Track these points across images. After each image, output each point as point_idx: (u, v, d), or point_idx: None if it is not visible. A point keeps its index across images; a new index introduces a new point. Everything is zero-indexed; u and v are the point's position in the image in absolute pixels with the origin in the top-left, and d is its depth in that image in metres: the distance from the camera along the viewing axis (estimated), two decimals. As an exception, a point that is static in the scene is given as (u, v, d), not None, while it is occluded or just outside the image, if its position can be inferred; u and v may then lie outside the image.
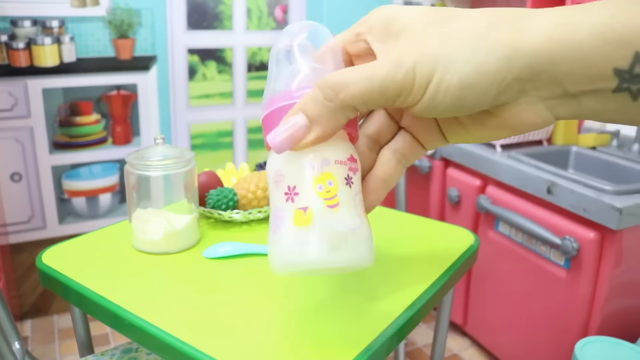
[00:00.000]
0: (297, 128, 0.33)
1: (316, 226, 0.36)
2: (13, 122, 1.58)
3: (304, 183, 0.36)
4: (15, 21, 1.52)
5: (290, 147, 0.34)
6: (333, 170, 0.36)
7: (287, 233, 0.36)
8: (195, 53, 1.77)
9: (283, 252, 0.37)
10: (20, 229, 1.67)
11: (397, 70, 0.31)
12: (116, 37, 1.64)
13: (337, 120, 0.33)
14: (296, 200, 0.36)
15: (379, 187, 0.39)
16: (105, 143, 1.73)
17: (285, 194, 0.37)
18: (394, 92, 0.31)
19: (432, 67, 0.30)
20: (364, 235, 0.37)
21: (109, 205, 1.78)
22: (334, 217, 0.36)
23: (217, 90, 1.85)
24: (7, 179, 1.61)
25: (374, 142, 0.40)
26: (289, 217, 0.36)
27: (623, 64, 0.27)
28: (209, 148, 1.89)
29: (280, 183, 0.37)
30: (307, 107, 0.33)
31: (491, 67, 0.29)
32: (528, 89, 0.30)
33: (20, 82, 1.56)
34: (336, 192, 0.36)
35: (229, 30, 1.80)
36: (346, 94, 0.32)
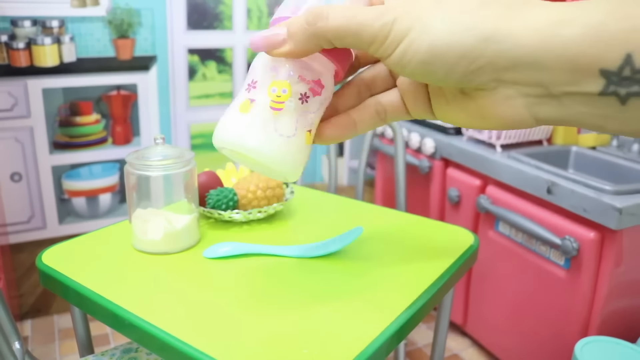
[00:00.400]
0: (275, 37, 0.37)
1: (251, 116, 0.41)
2: (13, 122, 1.58)
3: (263, 81, 0.41)
4: (15, 21, 1.52)
5: (263, 49, 0.38)
6: (292, 82, 0.40)
7: (231, 114, 0.42)
8: (195, 53, 1.77)
9: (220, 128, 0.42)
10: (20, 229, 1.67)
11: (377, 20, 0.32)
12: (116, 37, 1.64)
13: (309, 44, 0.36)
14: (251, 92, 0.41)
15: (347, 124, 0.42)
16: (105, 143, 1.73)
17: (248, 84, 0.42)
18: (367, 38, 0.33)
19: (409, 26, 0.31)
20: (291, 146, 0.41)
21: (109, 205, 1.78)
22: (270, 117, 0.40)
23: (217, 90, 1.85)
24: (7, 179, 1.61)
25: (366, 87, 0.42)
26: (239, 102, 0.42)
27: (611, 65, 0.26)
28: (209, 148, 1.89)
29: (249, 75, 0.42)
30: (291, 24, 0.36)
31: (465, 43, 0.29)
32: (506, 79, 0.30)
33: (20, 82, 1.56)
34: (284, 100, 0.40)
35: (229, 30, 1.80)
36: (323, 24, 0.34)
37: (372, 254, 0.71)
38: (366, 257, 0.70)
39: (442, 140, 1.55)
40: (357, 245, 0.73)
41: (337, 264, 0.69)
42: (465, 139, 1.53)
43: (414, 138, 1.66)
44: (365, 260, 0.69)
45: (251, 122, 0.40)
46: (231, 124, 0.42)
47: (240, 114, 0.41)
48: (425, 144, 1.60)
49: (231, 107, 0.43)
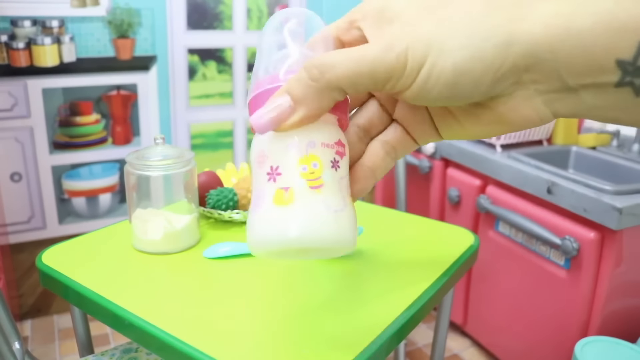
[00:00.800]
0: (281, 109, 0.33)
1: (297, 205, 0.35)
2: (13, 122, 1.58)
3: (288, 163, 0.35)
4: (15, 21, 1.52)
5: (273, 127, 0.33)
6: (319, 153, 0.35)
7: (266, 212, 0.35)
8: (195, 53, 1.77)
9: (262, 231, 0.36)
10: (20, 229, 1.67)
11: (389, 53, 0.30)
12: (116, 37, 1.64)
13: (323, 102, 0.32)
14: (278, 180, 0.35)
15: (366, 176, 0.39)
16: (105, 143, 1.73)
17: (267, 174, 0.36)
18: (384, 75, 0.30)
19: (425, 51, 0.29)
20: (347, 217, 0.36)
21: (109, 205, 1.78)
22: (316, 197, 0.35)
23: (217, 90, 1.85)
24: (7, 179, 1.61)
25: (365, 132, 0.39)
26: (269, 196, 0.35)
27: (626, 55, 0.26)
28: (209, 148, 1.89)
29: (263, 164, 0.36)
30: (292, 88, 0.32)
31: (487, 53, 0.28)
32: (525, 80, 0.29)
33: (20, 82, 1.56)
34: (320, 174, 0.35)
35: (229, 30, 1.80)
36: (333, 75, 0.31)
37: (372, 254, 0.71)
38: (366, 257, 0.70)
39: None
40: (357, 245, 0.73)
41: (337, 264, 0.69)
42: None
43: (414, 138, 1.65)
44: (365, 260, 0.69)
45: (299, 212, 0.35)
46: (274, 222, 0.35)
47: (278, 208, 0.35)
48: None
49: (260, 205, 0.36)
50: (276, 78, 0.35)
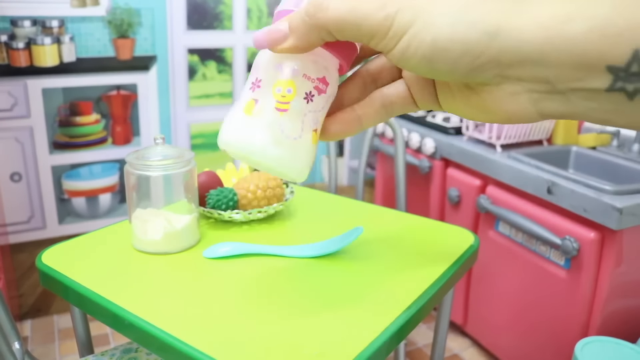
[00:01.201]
0: (277, 32, 0.36)
1: (257, 118, 0.39)
2: (13, 122, 1.58)
3: (268, 80, 0.39)
4: (15, 21, 1.52)
5: (266, 45, 0.37)
6: (297, 81, 0.39)
7: (235, 115, 0.40)
8: (195, 53, 1.77)
9: (225, 129, 0.41)
10: (20, 229, 1.67)
11: (378, 11, 0.31)
12: (116, 37, 1.64)
13: (311, 37, 0.35)
14: (255, 92, 0.40)
15: (351, 120, 0.41)
16: (105, 143, 1.73)
17: (252, 82, 0.40)
18: (368, 31, 0.32)
19: (411, 19, 0.30)
20: (295, 146, 0.40)
21: (109, 205, 1.78)
22: (276, 118, 0.39)
23: (217, 90, 1.85)
24: (7, 179, 1.61)
25: (372, 79, 0.41)
26: (243, 102, 0.40)
27: (619, 62, 0.25)
28: (209, 148, 1.89)
29: (253, 73, 0.41)
30: (292, 18, 0.35)
31: (469, 38, 0.28)
32: (510, 75, 0.29)
33: (20, 82, 1.56)
34: (290, 100, 0.39)
35: (229, 30, 1.80)
36: (323, 16, 0.33)
37: (372, 254, 0.71)
38: (366, 257, 0.70)
39: (442, 140, 1.55)
40: (357, 245, 0.73)
41: (337, 264, 0.69)
42: (465, 139, 1.53)
43: (414, 138, 1.66)
44: (365, 260, 0.69)
45: (256, 124, 0.39)
46: (236, 125, 0.40)
47: (245, 116, 0.40)
48: (425, 144, 1.60)
49: (235, 107, 0.41)
50: (297, 4, 0.38)
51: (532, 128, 1.47)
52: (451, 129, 1.59)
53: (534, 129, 1.47)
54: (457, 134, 1.58)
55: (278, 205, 0.82)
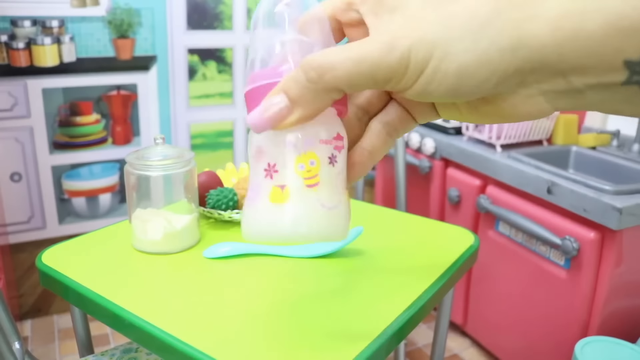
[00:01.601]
0: (277, 109, 0.32)
1: (292, 203, 0.36)
2: (13, 122, 1.58)
3: (285, 162, 0.36)
4: (15, 21, 1.52)
5: (269, 128, 0.33)
6: (317, 150, 0.36)
7: (263, 208, 0.37)
8: (195, 53, 1.77)
9: (257, 225, 0.37)
10: (20, 229, 1.67)
11: (390, 54, 0.29)
12: (116, 37, 1.64)
13: (321, 103, 0.32)
14: (275, 178, 0.36)
15: (365, 160, 0.39)
16: (105, 143, 1.73)
17: (264, 170, 0.37)
18: (384, 77, 0.30)
19: (428, 53, 0.28)
20: (340, 213, 0.38)
21: (109, 205, 1.78)
22: (311, 195, 0.36)
23: (217, 90, 1.85)
24: (7, 179, 1.61)
25: (364, 112, 0.39)
26: (265, 192, 0.36)
27: (634, 56, 0.25)
28: (209, 148, 1.89)
29: (260, 159, 0.37)
30: (289, 88, 0.32)
31: (492, 57, 0.28)
32: (529, 81, 0.29)
33: (20, 82, 1.56)
34: (317, 172, 0.36)
35: (229, 30, 1.80)
36: (331, 76, 0.30)
37: (372, 254, 0.71)
38: (366, 257, 0.70)
39: (442, 140, 1.55)
40: (357, 245, 0.73)
41: (337, 264, 0.69)
42: (465, 139, 1.53)
43: (414, 138, 1.66)
44: (365, 260, 0.69)
45: (295, 209, 0.36)
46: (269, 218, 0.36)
47: (275, 205, 0.36)
48: (425, 144, 1.60)
49: (256, 200, 0.37)
50: (272, 72, 0.35)
51: (532, 128, 1.47)
52: (451, 129, 1.59)
53: (534, 128, 1.47)
54: (457, 134, 1.58)
55: (278, 205, 0.82)
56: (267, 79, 0.35)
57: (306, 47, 0.35)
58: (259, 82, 0.35)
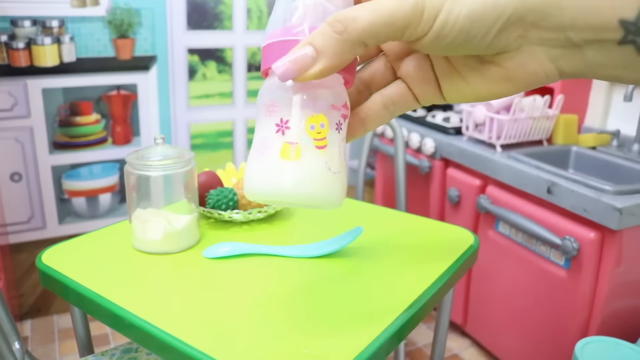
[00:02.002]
0: (303, 58, 0.33)
1: (302, 162, 0.37)
2: (13, 122, 1.58)
3: (297, 119, 0.37)
4: (15, 21, 1.52)
5: (295, 75, 0.34)
6: (327, 114, 0.37)
7: (272, 163, 0.37)
8: (195, 53, 1.77)
9: (264, 180, 0.37)
10: (20, 229, 1.67)
11: (404, 2, 0.31)
12: (116, 37, 1.64)
13: (345, 54, 0.33)
14: (286, 134, 0.37)
15: (355, 125, 0.40)
16: (105, 143, 1.73)
17: (276, 125, 0.37)
18: (402, 23, 0.31)
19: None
20: (342, 179, 0.39)
21: (109, 205, 1.78)
22: (320, 157, 0.37)
23: (217, 90, 1.85)
24: (7, 179, 1.61)
25: (365, 86, 0.41)
26: (276, 148, 0.37)
27: (629, 15, 0.27)
28: (209, 148, 1.89)
29: (273, 113, 0.37)
30: (315, 39, 0.33)
31: (500, 2, 0.29)
32: (531, 36, 0.30)
33: (20, 82, 1.56)
34: (326, 135, 0.37)
35: (229, 30, 1.80)
36: (355, 27, 0.32)
37: (372, 254, 0.71)
38: (366, 257, 0.70)
39: (442, 140, 1.55)
40: (357, 245, 0.73)
41: (337, 264, 0.69)
42: (465, 139, 1.53)
43: (414, 138, 1.66)
44: (365, 260, 0.69)
45: (304, 168, 0.36)
46: (278, 174, 0.37)
47: (285, 161, 0.37)
48: (425, 144, 1.60)
49: (265, 154, 0.37)
50: (293, 30, 0.36)
51: (532, 128, 1.47)
52: (451, 129, 1.59)
53: (534, 129, 1.47)
54: (457, 134, 1.58)
55: (278, 205, 0.82)
56: (289, 36, 0.36)
57: (325, 10, 0.36)
58: (281, 36, 0.36)
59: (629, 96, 1.32)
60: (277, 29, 0.37)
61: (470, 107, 1.50)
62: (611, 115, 1.55)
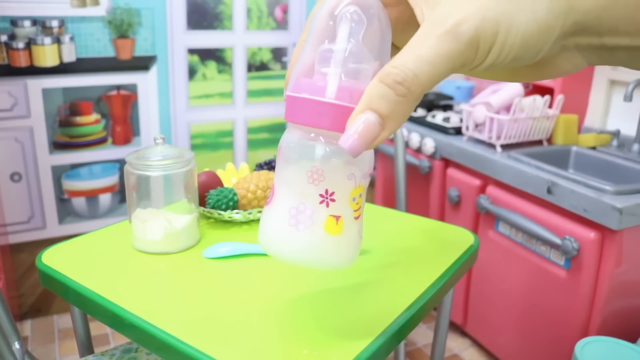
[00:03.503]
0: (371, 128, 0.31)
1: (344, 236, 0.37)
2: (13, 122, 1.58)
3: (343, 193, 0.36)
4: (15, 21, 1.52)
5: (365, 148, 0.32)
6: (364, 183, 0.37)
7: (315, 234, 0.37)
8: (195, 53, 1.77)
9: (303, 250, 0.37)
10: (20, 229, 1.67)
11: (458, 42, 0.29)
12: (116, 37, 1.64)
13: (408, 114, 0.32)
14: (331, 207, 0.36)
15: None
16: (105, 143, 1.73)
17: (320, 195, 0.36)
18: (460, 64, 0.30)
19: (494, 30, 0.29)
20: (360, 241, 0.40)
21: (109, 205, 1.78)
22: (355, 227, 0.37)
23: (217, 90, 1.85)
24: (7, 179, 1.61)
25: None
26: (320, 219, 0.37)
27: None
28: (209, 148, 1.89)
29: (317, 182, 0.36)
30: (378, 105, 0.31)
31: (549, 24, 0.29)
32: (569, 42, 0.31)
33: (20, 82, 1.56)
34: (361, 204, 0.37)
35: (229, 30, 1.80)
36: (418, 84, 0.30)
37: (372, 254, 0.71)
38: (366, 257, 0.70)
39: (442, 140, 1.55)
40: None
41: (337, 264, 0.68)
42: (465, 139, 1.53)
43: (414, 138, 1.66)
44: (365, 261, 0.69)
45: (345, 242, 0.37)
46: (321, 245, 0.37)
47: (330, 236, 0.37)
48: (425, 144, 1.60)
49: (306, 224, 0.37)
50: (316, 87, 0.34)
51: (532, 128, 1.47)
52: (451, 129, 1.59)
53: (534, 129, 1.47)
54: (457, 134, 1.58)
55: (278, 205, 0.82)
56: (311, 94, 0.34)
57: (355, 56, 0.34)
58: (303, 93, 0.34)
59: (629, 96, 1.32)
60: (302, 78, 0.34)
61: (470, 107, 1.50)
62: (611, 115, 1.55)
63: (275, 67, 1.90)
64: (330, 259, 0.37)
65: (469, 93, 1.93)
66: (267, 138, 1.98)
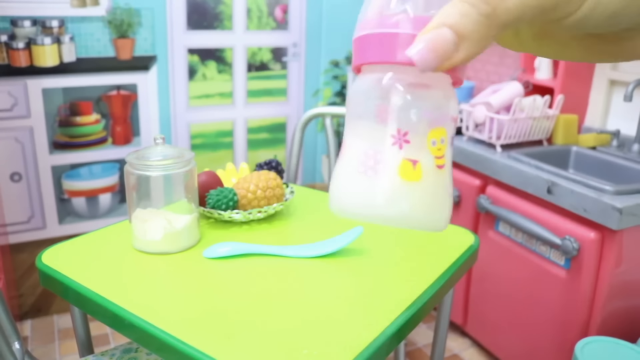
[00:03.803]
0: (444, 43, 0.28)
1: (423, 185, 0.31)
2: (13, 122, 1.58)
3: (419, 132, 0.31)
4: (15, 21, 1.52)
5: (436, 65, 0.29)
6: (447, 127, 0.32)
7: (388, 180, 0.32)
8: (195, 53, 1.77)
9: (373, 199, 0.32)
10: (20, 229, 1.67)
11: None
12: (116, 37, 1.64)
13: (488, 40, 0.28)
14: (405, 149, 0.31)
15: None
16: (105, 143, 1.73)
17: (392, 136, 0.31)
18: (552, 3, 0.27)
19: None
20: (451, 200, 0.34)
21: (109, 205, 1.78)
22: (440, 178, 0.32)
23: (217, 90, 1.85)
24: (7, 179, 1.61)
25: None
26: (392, 164, 0.31)
27: None
28: (209, 148, 1.89)
29: (385, 120, 0.32)
30: (456, 22, 0.28)
31: None
32: None
33: (20, 82, 1.56)
34: (444, 152, 0.32)
35: (229, 30, 1.80)
36: (504, 9, 0.27)
37: (372, 254, 0.71)
38: (366, 257, 0.70)
39: (442, 140, 1.55)
40: (357, 245, 0.73)
41: (337, 264, 0.69)
42: (465, 139, 1.53)
43: (414, 138, 1.65)
44: (365, 260, 0.69)
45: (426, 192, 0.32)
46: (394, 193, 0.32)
47: (405, 182, 0.31)
48: (425, 144, 1.60)
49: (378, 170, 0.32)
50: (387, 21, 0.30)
51: (532, 128, 1.47)
52: (451, 129, 1.59)
53: (534, 129, 1.47)
54: (457, 134, 1.58)
55: (278, 205, 0.82)
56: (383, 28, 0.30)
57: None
58: (373, 29, 0.31)
59: (629, 96, 1.32)
60: (372, 18, 0.31)
61: (470, 107, 1.50)
62: (611, 115, 1.55)
63: (275, 67, 1.90)
64: (410, 212, 0.32)
65: (469, 93, 1.93)
66: (267, 138, 1.98)
